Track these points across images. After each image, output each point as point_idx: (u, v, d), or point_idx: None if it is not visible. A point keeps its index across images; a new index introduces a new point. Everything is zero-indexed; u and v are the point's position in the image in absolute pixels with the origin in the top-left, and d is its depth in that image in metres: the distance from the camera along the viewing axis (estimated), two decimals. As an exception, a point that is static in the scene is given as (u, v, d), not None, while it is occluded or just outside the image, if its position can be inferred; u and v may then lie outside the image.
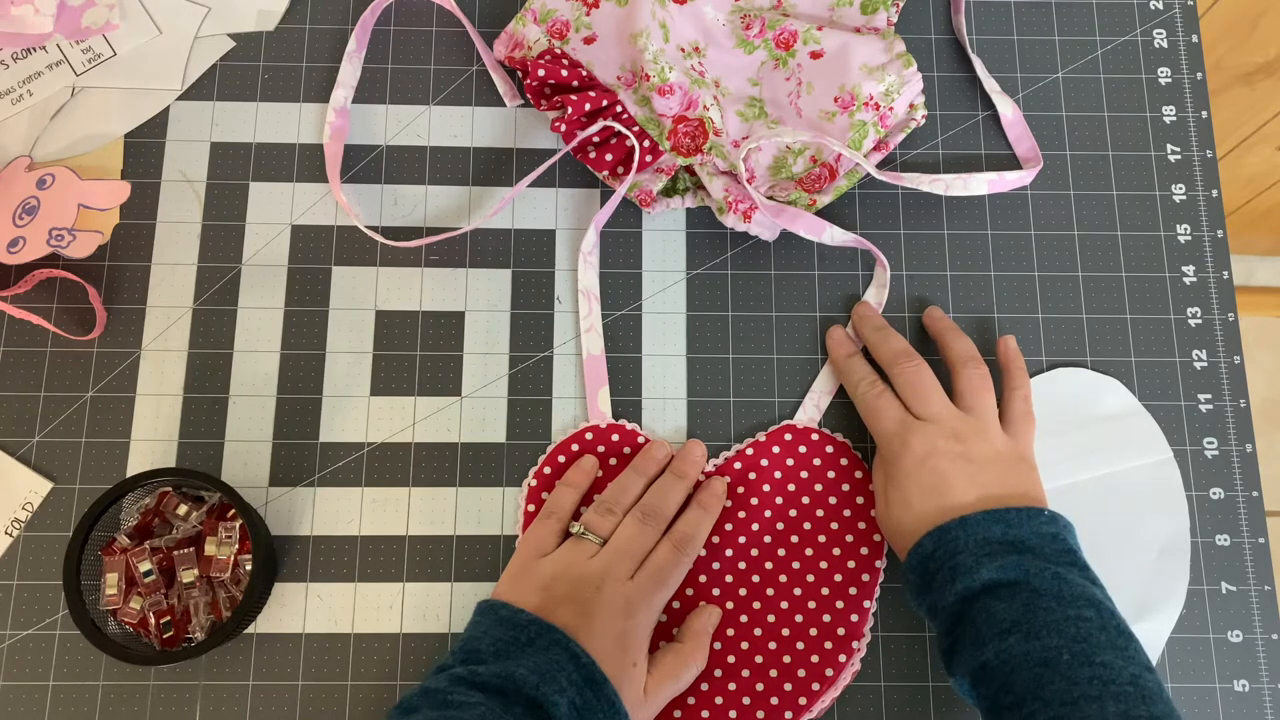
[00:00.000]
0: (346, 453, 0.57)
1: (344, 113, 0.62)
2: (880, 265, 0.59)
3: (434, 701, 0.44)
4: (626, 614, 0.49)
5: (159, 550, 0.53)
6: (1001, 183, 0.60)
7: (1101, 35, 0.65)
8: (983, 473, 0.50)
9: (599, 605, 0.49)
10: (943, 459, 0.50)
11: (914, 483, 0.50)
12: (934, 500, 0.49)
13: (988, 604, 0.46)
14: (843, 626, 0.54)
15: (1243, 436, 0.58)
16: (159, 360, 0.58)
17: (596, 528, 0.52)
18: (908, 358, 0.54)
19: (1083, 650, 0.43)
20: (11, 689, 0.53)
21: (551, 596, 0.49)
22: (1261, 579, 0.56)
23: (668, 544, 0.52)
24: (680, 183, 0.60)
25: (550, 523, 0.53)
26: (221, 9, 0.64)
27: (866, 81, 0.58)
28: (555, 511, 0.54)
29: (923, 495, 0.50)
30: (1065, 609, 0.44)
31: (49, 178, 0.57)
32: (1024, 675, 0.43)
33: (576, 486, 0.55)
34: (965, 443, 0.51)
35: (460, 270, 0.60)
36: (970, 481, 0.50)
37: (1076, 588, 0.45)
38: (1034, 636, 0.44)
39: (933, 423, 0.51)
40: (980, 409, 0.52)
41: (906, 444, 0.51)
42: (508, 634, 0.48)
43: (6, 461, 0.56)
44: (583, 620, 0.48)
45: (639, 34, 0.59)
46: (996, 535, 0.47)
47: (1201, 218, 0.62)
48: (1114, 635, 0.44)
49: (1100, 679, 0.42)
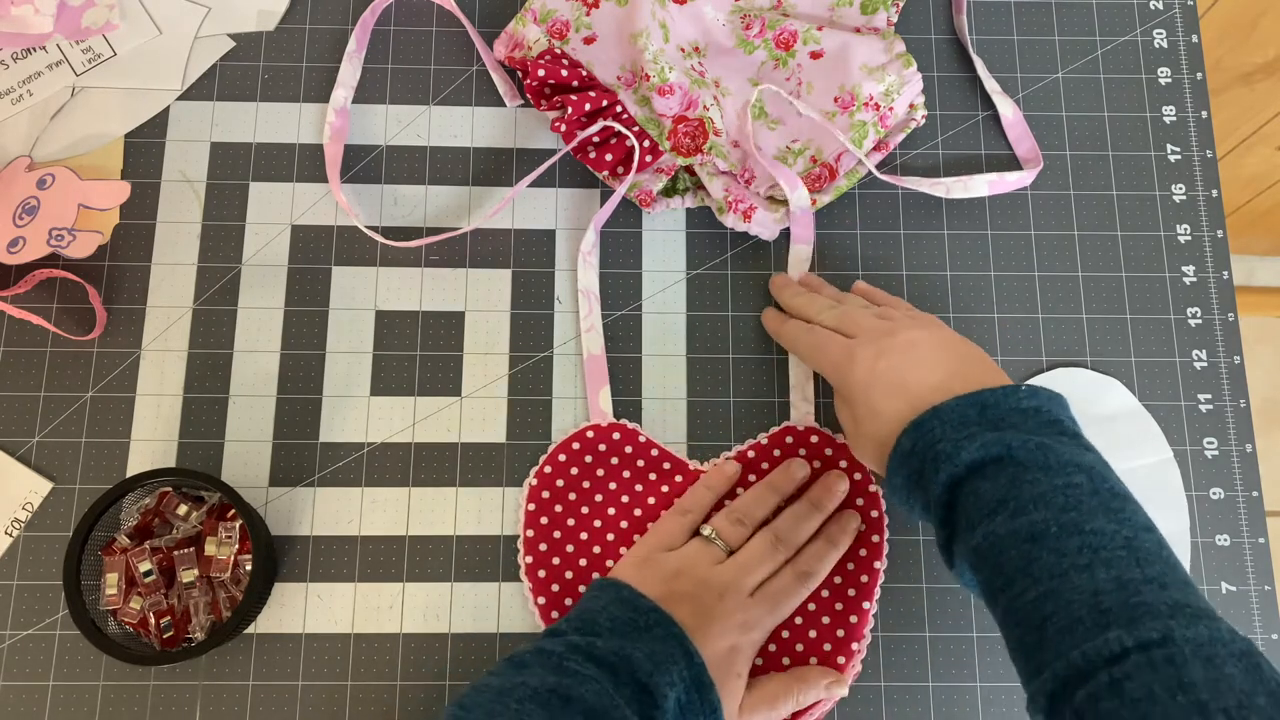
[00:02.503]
0: (346, 453, 0.57)
1: (344, 113, 0.62)
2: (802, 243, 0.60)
3: (548, 664, 0.44)
4: (742, 629, 0.50)
5: (159, 550, 0.53)
6: (1002, 183, 0.60)
7: (1101, 35, 0.65)
8: (932, 354, 0.49)
9: (718, 613, 0.49)
10: (890, 356, 0.49)
11: (874, 390, 0.49)
12: (900, 396, 0.48)
13: (974, 485, 0.44)
14: (842, 628, 0.54)
15: (1243, 436, 0.58)
16: (159, 360, 0.58)
17: (727, 536, 0.53)
18: (830, 304, 0.55)
19: (1072, 519, 0.41)
20: (11, 689, 0.53)
21: (673, 591, 0.50)
22: (1261, 579, 0.56)
23: (791, 573, 0.52)
24: (680, 183, 0.60)
25: (684, 520, 0.54)
26: (221, 9, 0.64)
27: (866, 81, 0.58)
28: (691, 510, 0.54)
29: (887, 397, 0.48)
30: (1052, 478, 0.42)
31: (49, 178, 0.57)
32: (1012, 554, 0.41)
33: (715, 489, 0.55)
34: (900, 334, 0.50)
35: (460, 270, 0.60)
36: (924, 365, 0.48)
37: (1064, 455, 0.43)
38: (1020, 513, 0.42)
39: (868, 335, 0.51)
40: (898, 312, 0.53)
41: (853, 358, 0.50)
42: (626, 614, 0.48)
43: (6, 461, 0.56)
44: (700, 623, 0.49)
45: (639, 34, 0.59)
46: (973, 416, 0.45)
47: (1201, 218, 0.62)
48: (1106, 499, 0.42)
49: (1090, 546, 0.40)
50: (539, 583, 0.55)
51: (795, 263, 0.60)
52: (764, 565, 0.52)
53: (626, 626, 0.47)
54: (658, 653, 0.46)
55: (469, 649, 0.55)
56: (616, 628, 0.47)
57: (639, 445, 0.57)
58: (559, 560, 0.55)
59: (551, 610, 0.54)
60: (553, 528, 0.55)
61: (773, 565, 0.52)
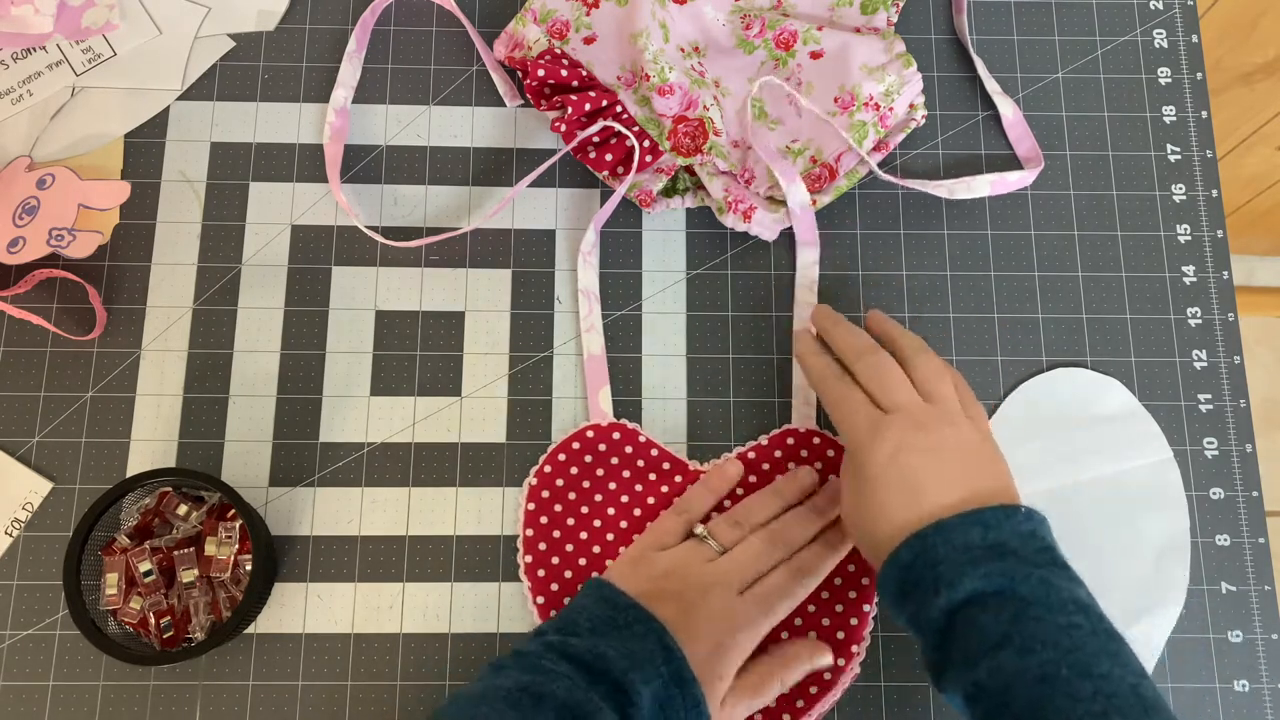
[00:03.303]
0: (346, 453, 0.57)
1: (344, 113, 0.62)
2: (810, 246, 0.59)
3: (524, 665, 0.45)
4: (728, 627, 0.49)
5: (159, 550, 0.53)
6: (1003, 184, 0.60)
7: (1101, 35, 0.65)
8: (954, 466, 0.48)
9: (703, 609, 0.49)
10: (912, 454, 0.47)
11: (886, 485, 0.47)
12: (909, 504, 0.47)
13: (975, 616, 0.44)
14: (842, 630, 0.54)
15: (1243, 436, 0.58)
16: (159, 360, 0.58)
17: (720, 535, 0.52)
18: (871, 350, 0.52)
19: (1079, 660, 0.41)
20: (11, 689, 0.53)
21: (659, 589, 0.49)
22: (1261, 579, 0.56)
23: (786, 571, 0.51)
24: (680, 183, 0.60)
25: (679, 519, 0.53)
26: (221, 9, 0.64)
27: (866, 82, 0.58)
28: (688, 510, 0.54)
29: (896, 498, 0.47)
30: (1055, 617, 0.43)
31: (49, 178, 0.57)
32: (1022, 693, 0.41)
33: (715, 490, 0.55)
34: (932, 432, 0.48)
35: (460, 270, 0.60)
36: (943, 478, 0.47)
37: (1064, 592, 0.44)
38: (1028, 651, 0.42)
39: (898, 414, 0.49)
40: (940, 395, 0.50)
41: (874, 441, 0.48)
42: (606, 613, 0.48)
43: (6, 461, 0.56)
44: (684, 619, 0.48)
45: (639, 34, 0.59)
46: (976, 539, 0.45)
47: (1201, 218, 0.62)
48: (1105, 640, 0.43)
49: (1103, 693, 0.40)
50: (538, 582, 0.55)
51: (804, 266, 0.59)
52: (756, 563, 0.51)
53: (605, 625, 0.47)
54: (635, 650, 0.46)
55: (469, 649, 0.55)
56: (595, 626, 0.47)
57: (639, 445, 0.57)
58: (558, 560, 0.55)
59: (550, 609, 0.54)
60: (552, 527, 0.55)
61: (766, 562, 0.51)
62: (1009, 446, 0.57)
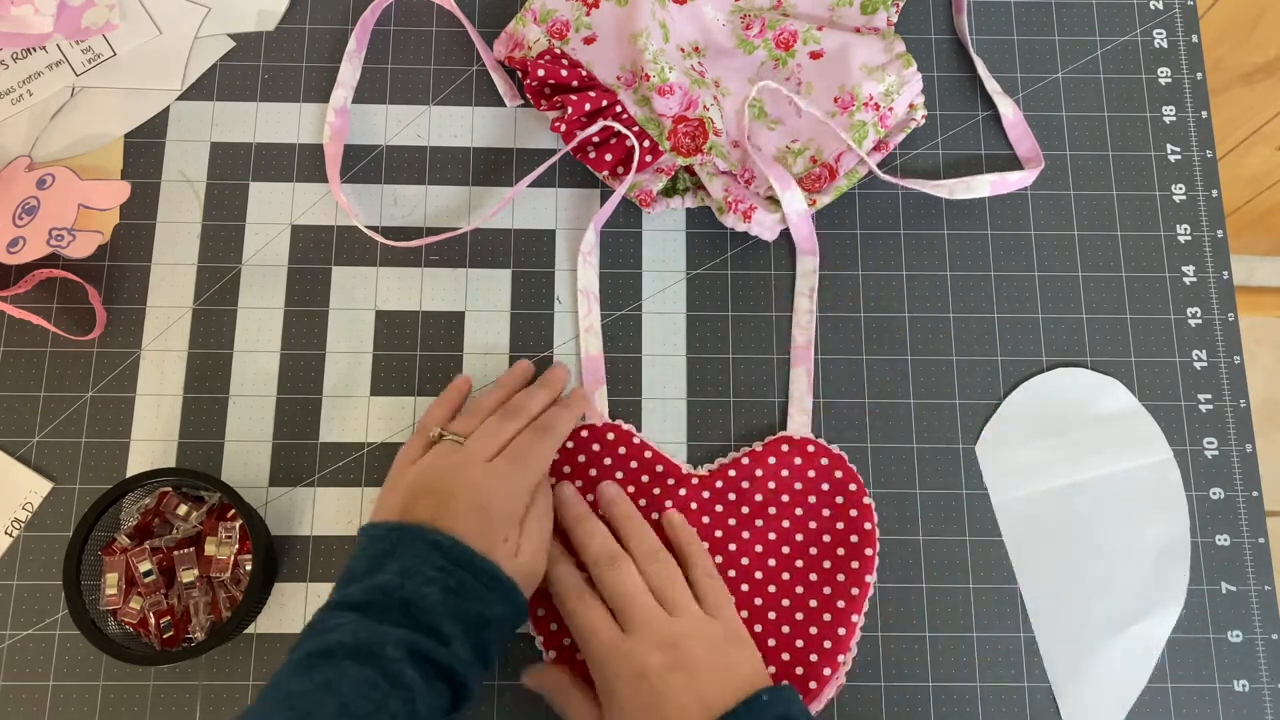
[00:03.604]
0: (346, 453, 0.57)
1: (344, 113, 0.62)
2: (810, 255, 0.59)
3: (309, 634, 0.44)
4: (489, 490, 0.49)
5: (159, 550, 0.53)
6: (1004, 184, 0.60)
7: (1101, 35, 0.65)
8: (699, 678, 0.47)
9: (457, 487, 0.48)
10: (656, 677, 0.46)
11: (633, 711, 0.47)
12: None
13: None
14: (829, 640, 0.53)
15: (1243, 436, 0.58)
16: (159, 360, 0.58)
17: (459, 429, 0.52)
18: (610, 559, 0.51)
19: None
20: (11, 689, 0.53)
21: (412, 497, 0.49)
22: (1261, 579, 0.56)
23: (529, 430, 0.52)
24: (680, 183, 0.60)
25: (418, 436, 0.53)
26: (221, 9, 0.64)
27: (866, 82, 0.58)
28: (425, 426, 0.53)
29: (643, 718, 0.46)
30: None
31: (49, 178, 0.57)
32: None
33: (448, 403, 0.55)
34: (675, 649, 0.47)
35: (460, 270, 0.60)
36: (689, 694, 0.46)
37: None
38: None
39: (639, 634, 0.48)
40: (678, 604, 0.49)
41: (618, 671, 0.47)
42: (374, 549, 0.47)
43: (6, 461, 0.56)
44: (442, 507, 0.48)
45: (639, 34, 0.59)
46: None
47: (1201, 218, 0.62)
48: None
49: None
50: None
51: (803, 274, 0.60)
52: (499, 433, 0.51)
53: (377, 560, 0.46)
54: (407, 563, 0.45)
55: (469, 649, 0.55)
56: (370, 566, 0.46)
57: (633, 447, 0.57)
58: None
59: (537, 608, 0.54)
60: (551, 527, 0.55)
61: (507, 432, 0.51)
62: (1009, 446, 0.58)
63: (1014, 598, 0.56)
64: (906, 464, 0.57)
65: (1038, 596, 0.56)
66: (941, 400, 0.58)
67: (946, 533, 0.56)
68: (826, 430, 0.58)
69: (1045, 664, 0.55)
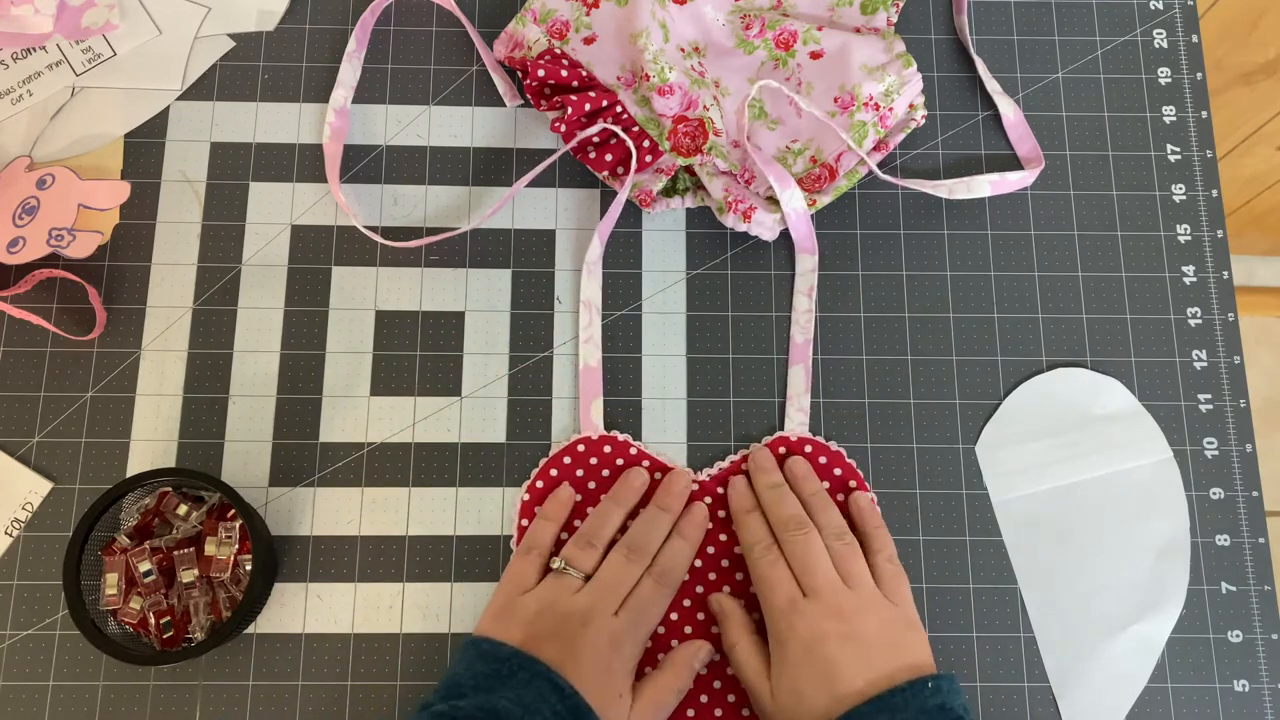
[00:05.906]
0: (346, 453, 0.57)
1: (344, 113, 0.62)
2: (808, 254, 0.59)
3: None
4: (612, 649, 0.49)
5: (159, 550, 0.53)
6: (1004, 184, 0.60)
7: (1101, 35, 0.65)
8: (870, 651, 0.48)
9: (585, 641, 0.49)
10: (830, 643, 0.48)
11: (804, 671, 0.48)
12: (823, 691, 0.48)
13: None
14: None
15: (1243, 436, 0.58)
16: (159, 360, 0.58)
17: (578, 563, 0.52)
18: (797, 525, 0.52)
19: None
20: (11, 689, 0.53)
21: (536, 633, 0.49)
22: (1261, 579, 0.56)
23: (650, 579, 0.52)
24: (680, 183, 0.60)
25: (531, 558, 0.53)
26: (221, 9, 0.64)
27: (866, 81, 0.58)
28: (535, 546, 0.53)
29: (812, 685, 0.48)
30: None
31: (49, 178, 0.57)
32: None
33: (554, 519, 0.55)
34: (850, 620, 0.49)
35: (460, 270, 0.60)
36: (859, 664, 0.48)
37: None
38: None
39: (818, 600, 0.50)
40: (858, 580, 0.51)
41: (794, 628, 0.49)
42: (489, 668, 0.47)
43: (6, 461, 0.56)
44: (569, 655, 0.48)
45: (639, 34, 0.59)
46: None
47: (1201, 218, 0.62)
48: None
49: None
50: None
51: (801, 274, 0.59)
52: (621, 579, 0.51)
53: (491, 679, 0.47)
54: (525, 696, 0.45)
55: (469, 649, 0.55)
56: (481, 684, 0.47)
57: (630, 458, 0.57)
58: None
59: None
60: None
61: (631, 577, 0.52)
62: (1009, 446, 0.58)
63: (1014, 598, 0.56)
64: (906, 464, 0.57)
65: (1038, 596, 0.56)
66: (941, 400, 0.58)
67: (946, 533, 0.56)
68: (826, 430, 0.58)
69: (1045, 664, 0.55)
